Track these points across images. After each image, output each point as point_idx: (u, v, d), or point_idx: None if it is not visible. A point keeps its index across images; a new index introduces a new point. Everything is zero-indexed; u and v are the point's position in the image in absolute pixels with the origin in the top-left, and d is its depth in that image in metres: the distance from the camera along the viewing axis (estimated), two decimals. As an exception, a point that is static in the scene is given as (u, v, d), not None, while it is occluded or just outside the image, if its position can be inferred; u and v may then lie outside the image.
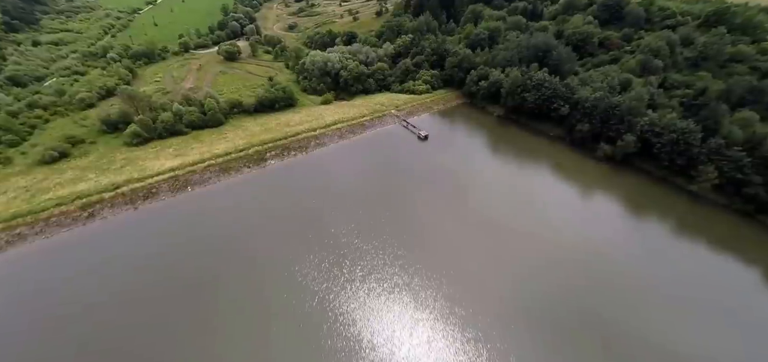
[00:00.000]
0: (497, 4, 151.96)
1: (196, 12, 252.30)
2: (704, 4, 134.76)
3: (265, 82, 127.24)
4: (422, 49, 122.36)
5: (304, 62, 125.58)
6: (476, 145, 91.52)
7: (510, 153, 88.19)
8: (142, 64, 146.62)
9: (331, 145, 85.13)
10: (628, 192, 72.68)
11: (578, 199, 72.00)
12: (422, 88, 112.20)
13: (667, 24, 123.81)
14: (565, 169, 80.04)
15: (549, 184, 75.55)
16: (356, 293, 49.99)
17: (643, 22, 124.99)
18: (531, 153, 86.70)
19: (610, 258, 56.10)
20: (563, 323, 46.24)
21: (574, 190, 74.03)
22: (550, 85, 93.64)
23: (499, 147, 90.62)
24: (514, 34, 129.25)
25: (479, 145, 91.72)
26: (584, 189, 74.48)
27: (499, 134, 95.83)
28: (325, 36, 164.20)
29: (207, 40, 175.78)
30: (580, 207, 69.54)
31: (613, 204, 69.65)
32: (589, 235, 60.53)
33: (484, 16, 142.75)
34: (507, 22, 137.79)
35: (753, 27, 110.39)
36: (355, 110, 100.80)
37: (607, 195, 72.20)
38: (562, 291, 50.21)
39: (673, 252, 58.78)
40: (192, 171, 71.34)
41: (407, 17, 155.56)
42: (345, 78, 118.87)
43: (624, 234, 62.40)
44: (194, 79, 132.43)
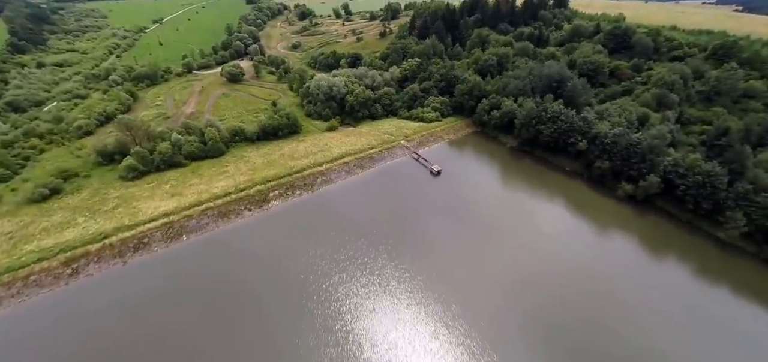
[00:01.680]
0: (502, 28, 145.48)
1: (202, 30, 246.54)
2: (708, 36, 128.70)
3: (268, 106, 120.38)
4: (430, 75, 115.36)
5: (308, 86, 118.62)
6: (492, 181, 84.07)
7: (526, 190, 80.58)
8: (145, 86, 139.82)
9: (339, 181, 77.63)
10: (651, 235, 65.63)
11: (601, 240, 65.29)
12: (432, 116, 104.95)
13: (675, 55, 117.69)
14: (585, 208, 72.89)
15: (570, 226, 68.30)
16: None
17: (651, 52, 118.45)
18: (548, 189, 79.31)
19: (633, 300, 51.57)
20: (574, 354, 44.11)
21: (596, 231, 67.21)
22: (566, 119, 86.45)
23: (516, 183, 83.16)
24: (523, 60, 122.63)
25: (495, 181, 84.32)
26: (605, 229, 67.56)
27: (514, 168, 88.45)
28: (329, 57, 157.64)
29: (210, 61, 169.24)
30: (602, 249, 62.96)
31: (635, 247, 62.88)
32: (609, 274, 55.85)
33: (491, 40, 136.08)
34: (514, 47, 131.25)
35: (761, 61, 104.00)
36: (362, 140, 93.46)
37: (629, 236, 65.20)
38: (582, 328, 47.36)
39: (696, 296, 53.41)
40: (188, 216, 63.76)
41: (412, 39, 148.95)
42: (351, 103, 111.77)
43: (645, 276, 56.50)
44: (196, 103, 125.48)
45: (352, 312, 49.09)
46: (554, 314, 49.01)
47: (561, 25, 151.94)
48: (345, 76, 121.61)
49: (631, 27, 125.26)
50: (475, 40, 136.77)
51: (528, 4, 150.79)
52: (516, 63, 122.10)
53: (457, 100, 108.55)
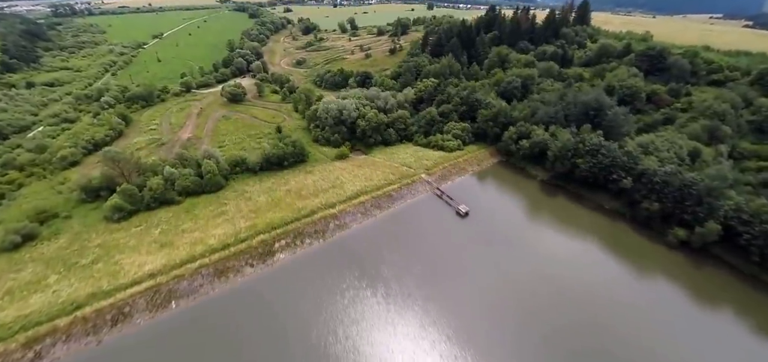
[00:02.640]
0: (523, 47, 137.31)
1: (202, 46, 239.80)
2: (747, 59, 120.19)
3: (271, 130, 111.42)
4: (449, 97, 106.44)
5: (316, 110, 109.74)
6: (525, 222, 74.30)
7: (563, 230, 70.77)
8: (139, 107, 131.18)
9: (354, 225, 67.73)
10: (707, 287, 57.12)
11: (649, 291, 57.29)
12: (453, 145, 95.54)
13: (714, 79, 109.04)
14: (631, 254, 64.14)
15: (615, 274, 60.17)
16: None
17: (688, 75, 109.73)
18: (588, 231, 70.10)
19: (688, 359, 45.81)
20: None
21: (643, 280, 59.18)
22: (608, 153, 77.09)
23: (552, 224, 73.02)
24: (548, 82, 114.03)
25: (528, 222, 74.55)
26: (654, 278, 59.32)
27: (548, 206, 78.69)
28: (336, 75, 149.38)
29: (210, 79, 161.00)
30: (650, 300, 54.91)
31: (689, 300, 55.02)
32: (659, 328, 49.72)
33: (511, 60, 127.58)
34: (537, 68, 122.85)
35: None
36: (378, 173, 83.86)
37: (681, 288, 56.91)
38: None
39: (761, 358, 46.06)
40: (178, 276, 53.75)
41: (426, 57, 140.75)
42: (362, 128, 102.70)
43: (701, 333, 49.81)
44: (193, 126, 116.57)
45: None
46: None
47: (584, 43, 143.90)
48: (355, 97, 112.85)
49: (666, 47, 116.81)
50: (494, 59, 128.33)
51: (549, 22, 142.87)
52: (541, 85, 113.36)
53: (480, 126, 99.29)
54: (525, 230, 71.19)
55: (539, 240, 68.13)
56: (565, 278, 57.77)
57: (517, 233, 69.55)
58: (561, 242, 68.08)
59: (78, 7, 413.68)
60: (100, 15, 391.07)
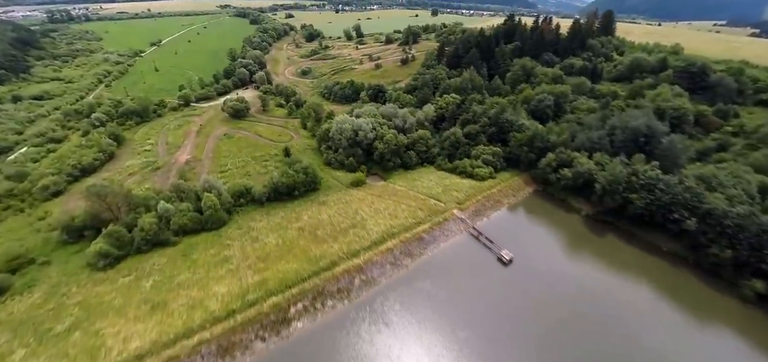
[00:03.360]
0: (547, 59, 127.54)
1: (202, 54, 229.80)
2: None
3: (278, 151, 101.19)
4: (474, 116, 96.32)
5: (328, 129, 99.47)
6: (574, 267, 64.01)
7: (617, 275, 61.79)
8: (134, 124, 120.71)
9: (383, 280, 57.10)
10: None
11: (722, 354, 49.29)
12: (484, 173, 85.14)
13: (762, 98, 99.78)
14: (698, 308, 55.94)
15: (683, 333, 51.81)
16: None
17: (735, 94, 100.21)
18: (645, 278, 60.96)
19: None
20: None
21: (715, 341, 51.22)
22: (666, 188, 67.14)
23: (604, 269, 63.33)
24: (581, 99, 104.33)
25: (577, 265, 64.38)
26: (726, 339, 50.99)
27: (598, 248, 68.64)
28: (346, 88, 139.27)
29: (211, 91, 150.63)
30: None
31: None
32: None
33: (537, 74, 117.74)
34: (567, 83, 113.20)
35: None
36: (403, 207, 73.33)
37: (764, 354, 48.08)
38: None
39: None
40: (173, 357, 43.14)
41: (442, 69, 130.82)
42: (381, 151, 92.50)
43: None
44: (192, 147, 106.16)
45: None
46: None
47: (610, 55, 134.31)
48: (371, 116, 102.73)
49: (707, 63, 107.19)
50: (518, 72, 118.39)
51: (575, 32, 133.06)
52: (574, 103, 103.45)
53: (513, 151, 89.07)
54: (575, 277, 60.87)
55: (590, 290, 58.29)
56: (626, 334, 49.45)
57: (567, 282, 59.37)
58: (616, 290, 58.58)
59: (75, 12, 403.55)
60: (98, 21, 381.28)
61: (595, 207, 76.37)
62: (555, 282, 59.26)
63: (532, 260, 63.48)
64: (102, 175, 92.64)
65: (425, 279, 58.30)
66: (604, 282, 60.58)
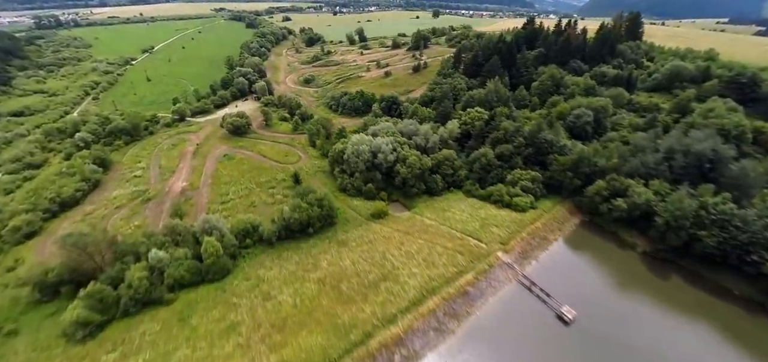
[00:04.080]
0: (575, 67, 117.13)
1: (197, 61, 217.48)
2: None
3: (286, 176, 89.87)
4: (507, 135, 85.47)
5: (341, 151, 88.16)
6: (645, 320, 53.35)
7: (688, 322, 52.67)
8: (123, 143, 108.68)
9: (428, 353, 45.91)
10: None
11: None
12: (525, 202, 74.19)
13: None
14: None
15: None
16: None
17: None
18: (718, 327, 52.05)
19: None
20: None
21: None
22: (744, 225, 56.84)
23: (672, 315, 53.68)
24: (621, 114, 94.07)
25: (648, 319, 53.63)
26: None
27: (661, 290, 58.70)
28: (356, 99, 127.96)
29: (208, 104, 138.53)
30: None
31: None
32: None
33: (567, 84, 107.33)
34: (601, 94, 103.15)
35: None
36: (439, 250, 62.13)
37: None
38: None
39: None
40: None
41: (461, 79, 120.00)
42: (404, 176, 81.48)
43: None
44: (188, 171, 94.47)
45: None
46: None
47: (641, 62, 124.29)
48: (388, 134, 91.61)
49: (757, 73, 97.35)
50: (547, 82, 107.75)
51: (604, 37, 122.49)
52: (615, 118, 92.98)
53: (555, 176, 78.36)
54: (647, 335, 50.38)
55: (663, 343, 47.94)
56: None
57: (637, 340, 48.99)
58: (689, 343, 48.32)
59: (64, 18, 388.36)
60: (87, 27, 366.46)
61: (654, 244, 65.92)
62: (624, 343, 48.72)
63: (595, 316, 52.52)
64: (85, 208, 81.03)
65: (476, 347, 47.28)
66: (677, 335, 50.41)
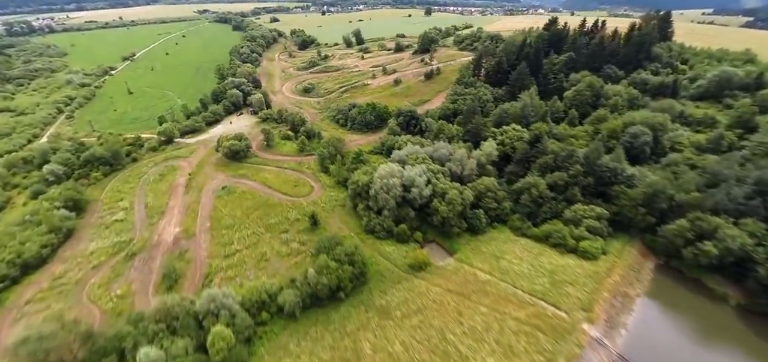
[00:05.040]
0: (610, 73, 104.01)
1: (183, 68, 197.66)
2: None
3: (299, 212, 74.52)
4: (558, 160, 71.69)
5: (367, 185, 72.87)
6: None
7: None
8: (101, 174, 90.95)
9: None
10: None
11: None
12: (596, 248, 60.35)
13: None
14: None
15: None
16: None
17: None
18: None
19: None
20: None
21: None
22: None
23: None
24: (677, 130, 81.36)
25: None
26: None
27: None
28: (366, 113, 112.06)
29: (199, 121, 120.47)
30: None
31: None
32: None
33: (608, 93, 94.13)
34: (645, 103, 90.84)
35: None
36: (512, 326, 47.77)
37: None
38: None
39: None
40: None
41: (486, 88, 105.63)
42: (444, 215, 66.84)
43: None
44: (181, 211, 77.77)
45: None
46: None
47: (676, 66, 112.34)
48: (418, 159, 76.80)
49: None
50: (585, 92, 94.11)
51: (639, 40, 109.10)
52: (672, 136, 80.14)
53: (623, 210, 64.84)
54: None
55: None
56: None
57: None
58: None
59: (38, 24, 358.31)
60: (63, 32, 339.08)
61: (752, 297, 53.44)
62: None
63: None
64: (54, 267, 63.94)
65: None
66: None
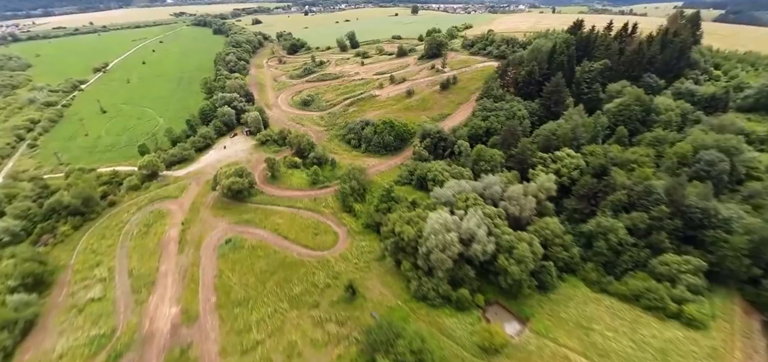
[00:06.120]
0: (648, 82, 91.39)
1: (163, 79, 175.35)
2: None
3: (327, 275, 59.12)
4: (634, 197, 58.51)
5: (415, 240, 57.45)
6: None
7: None
8: (70, 228, 71.91)
9: None
10: None
11: None
12: (704, 313, 47.33)
13: None
14: None
15: None
16: None
17: None
18: None
19: None
20: None
21: None
22: None
23: None
24: (746, 151, 69.56)
25: None
26: None
27: None
28: (383, 132, 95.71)
29: (187, 148, 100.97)
30: None
31: None
32: None
33: (659, 108, 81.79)
34: (695, 116, 79.41)
35: None
36: None
37: None
38: None
39: None
40: None
41: (519, 103, 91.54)
42: (516, 277, 52.48)
43: None
44: (177, 281, 60.33)
45: None
46: None
47: (710, 72, 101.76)
48: (469, 201, 62.03)
49: None
50: (634, 107, 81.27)
51: (676, 46, 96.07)
52: (745, 159, 68.35)
53: (725, 260, 52.22)
54: None
55: None
56: None
57: None
58: None
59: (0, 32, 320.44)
60: (28, 41, 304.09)
61: None
62: None
63: None
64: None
65: None
66: None
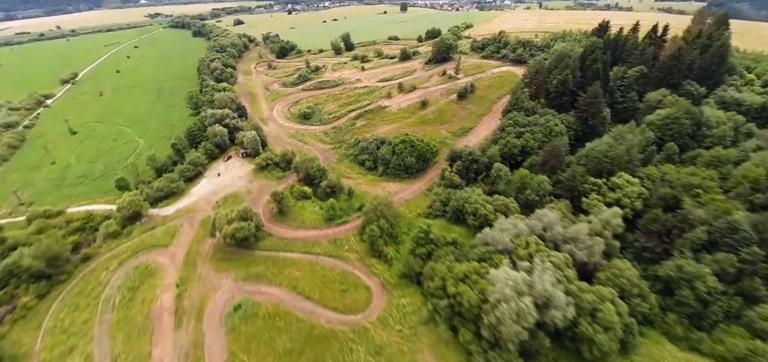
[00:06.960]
0: (688, 90, 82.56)
1: (140, 90, 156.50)
2: None
3: (367, 352, 46.71)
4: (716, 235, 48.97)
5: (478, 307, 45.82)
6: None
7: None
8: (33, 297, 56.61)
9: None
10: None
11: None
12: None
13: None
14: None
15: None
16: None
17: None
18: None
19: None
20: None
21: None
22: None
23: None
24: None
25: None
26: None
27: None
28: (403, 153, 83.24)
29: (175, 178, 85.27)
30: None
31: None
32: None
33: (710, 121, 72.99)
34: (747, 130, 71.29)
35: None
36: None
37: None
38: None
39: None
40: None
41: (554, 117, 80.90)
42: (604, 346, 41.78)
43: None
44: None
45: None
46: None
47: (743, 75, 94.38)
48: (531, 247, 50.94)
49: None
50: (684, 121, 71.78)
51: (716, 51, 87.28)
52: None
53: None
54: None
55: None
56: None
57: None
58: None
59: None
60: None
61: None
62: None
63: None
64: None
65: None
66: None
